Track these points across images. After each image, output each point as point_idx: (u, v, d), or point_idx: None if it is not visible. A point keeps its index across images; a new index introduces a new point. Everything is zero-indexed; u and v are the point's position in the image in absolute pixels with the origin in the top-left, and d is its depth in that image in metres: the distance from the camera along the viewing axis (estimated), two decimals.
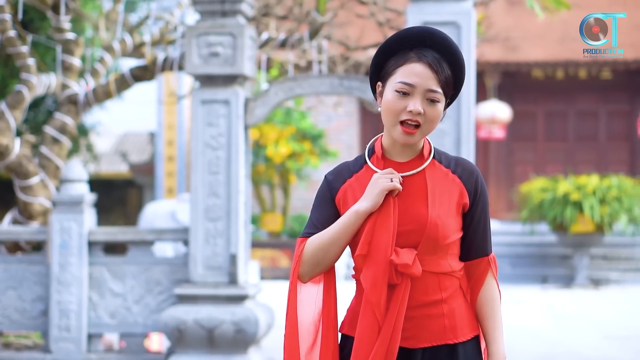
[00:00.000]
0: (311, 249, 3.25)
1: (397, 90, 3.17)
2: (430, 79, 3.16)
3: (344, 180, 3.32)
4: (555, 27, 19.88)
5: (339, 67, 10.89)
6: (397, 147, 3.28)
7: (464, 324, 3.29)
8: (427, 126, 3.20)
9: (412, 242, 3.19)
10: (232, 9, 8.38)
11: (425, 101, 3.16)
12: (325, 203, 3.32)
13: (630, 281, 18.13)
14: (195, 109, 8.46)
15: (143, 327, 8.66)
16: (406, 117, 3.17)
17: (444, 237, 3.22)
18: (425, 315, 3.22)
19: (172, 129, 20.82)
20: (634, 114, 20.66)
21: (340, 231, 3.22)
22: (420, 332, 3.22)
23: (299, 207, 20.54)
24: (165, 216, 14.98)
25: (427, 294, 3.22)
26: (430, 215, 3.19)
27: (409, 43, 3.21)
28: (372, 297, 3.16)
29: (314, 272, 3.29)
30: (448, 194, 3.26)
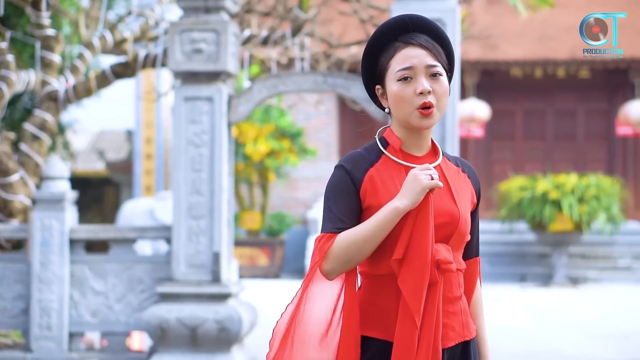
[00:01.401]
0: (343, 245, 3.08)
1: (399, 80, 3.13)
2: (425, 56, 3.13)
3: (365, 169, 3.16)
4: (534, 26, 19.93)
5: (322, 64, 10.85)
6: (414, 140, 3.22)
7: (471, 320, 3.30)
8: (441, 103, 3.16)
9: (443, 236, 3.13)
10: (215, 6, 8.33)
11: (429, 78, 3.13)
12: (348, 194, 3.14)
13: (608, 280, 18.20)
14: (178, 106, 8.40)
15: (125, 326, 8.60)
16: (419, 100, 3.11)
17: (467, 234, 3.22)
18: (451, 312, 3.18)
19: (151, 127, 20.73)
20: (612, 113, 20.73)
21: (377, 229, 3.07)
22: (447, 332, 3.17)
23: (277, 205, 20.50)
24: (144, 214, 14.90)
25: (451, 291, 3.18)
26: (460, 210, 3.17)
27: (391, 34, 3.19)
28: (412, 303, 3.05)
29: (343, 269, 3.12)
30: (465, 192, 3.26)
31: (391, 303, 3.13)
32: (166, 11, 11.75)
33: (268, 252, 19.00)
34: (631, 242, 19.18)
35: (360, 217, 3.17)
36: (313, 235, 19.04)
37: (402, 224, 3.08)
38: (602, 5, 20.53)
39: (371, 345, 3.16)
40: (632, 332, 11.86)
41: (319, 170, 20.75)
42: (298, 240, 19.75)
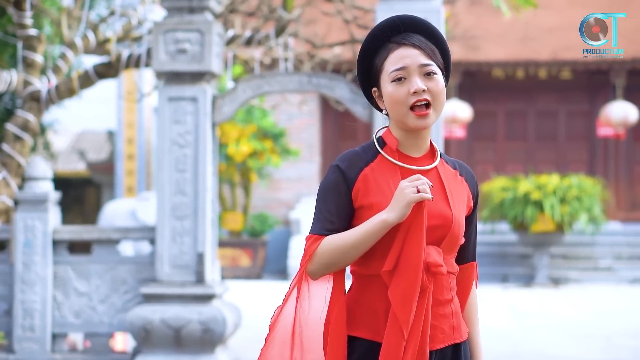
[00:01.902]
0: (328, 250, 3.10)
1: (393, 80, 3.12)
2: (418, 55, 3.12)
3: (360, 169, 3.16)
4: (516, 27, 19.97)
5: (306, 64, 10.84)
6: (412, 141, 3.20)
7: (463, 323, 3.29)
8: (437, 102, 3.14)
9: (435, 239, 3.13)
10: (199, 6, 8.31)
11: (423, 77, 3.12)
12: (339, 195, 3.15)
13: (589, 280, 18.25)
14: (162, 106, 8.38)
15: (108, 327, 8.57)
16: (413, 99, 3.10)
17: (461, 237, 3.21)
18: (440, 315, 3.17)
19: (132, 127, 20.67)
20: (593, 114, 20.80)
21: (363, 238, 3.08)
22: (436, 333, 3.17)
23: (259, 206, 20.47)
24: (126, 215, 14.85)
25: (442, 293, 3.17)
26: (454, 213, 3.16)
27: (383, 36, 3.19)
28: (401, 315, 3.05)
29: (327, 271, 3.14)
30: (461, 195, 3.24)
31: (380, 303, 3.13)
32: (149, 11, 11.71)
33: (250, 252, 18.97)
34: (612, 242, 19.26)
35: (352, 217, 3.17)
36: (295, 236, 19.03)
37: (394, 231, 3.08)
38: (583, 7, 20.58)
39: (359, 345, 3.16)
40: (614, 333, 11.90)
41: (301, 171, 20.74)
42: (280, 241, 19.73)
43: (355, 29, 11.51)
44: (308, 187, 20.81)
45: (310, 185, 20.82)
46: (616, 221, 20.30)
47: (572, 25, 20.25)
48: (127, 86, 19.85)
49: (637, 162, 21.07)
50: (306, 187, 20.80)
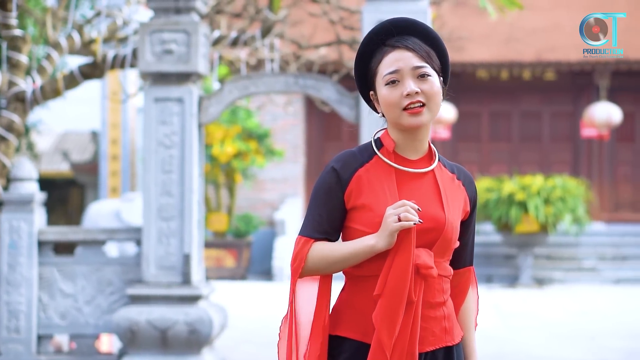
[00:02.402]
0: (316, 258, 3.17)
1: (386, 84, 3.14)
2: (411, 58, 3.13)
3: (355, 169, 3.19)
4: (500, 28, 20.01)
5: (292, 65, 10.83)
6: (410, 143, 3.21)
7: (456, 326, 3.30)
8: (432, 103, 3.15)
9: (427, 241, 3.14)
10: (186, 6, 8.30)
11: (417, 80, 3.13)
12: (331, 197, 3.19)
13: (573, 280, 18.31)
14: (148, 107, 8.36)
15: (94, 328, 8.54)
16: (406, 102, 3.12)
17: (455, 241, 3.22)
18: (431, 317, 3.18)
19: (117, 128, 20.63)
20: (576, 114, 20.86)
21: (350, 256, 3.13)
22: (426, 336, 3.18)
23: (244, 206, 20.45)
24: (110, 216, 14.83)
25: (433, 296, 3.18)
26: (447, 217, 3.17)
27: (378, 39, 3.20)
28: (384, 338, 3.08)
29: (312, 275, 3.22)
30: (457, 199, 3.25)
31: (369, 304, 3.14)
32: (134, 12, 11.68)
33: (235, 253, 18.95)
34: (596, 243, 19.32)
35: (345, 218, 3.21)
36: (280, 236, 19.02)
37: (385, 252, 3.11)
38: (567, 8, 20.69)
39: (349, 346, 3.19)
40: (599, 333, 11.94)
41: (285, 172, 20.73)
42: (265, 242, 19.72)
43: (341, 30, 11.52)
44: (293, 187, 20.81)
45: (294, 186, 20.82)
46: (600, 222, 20.38)
47: (556, 26, 20.35)
48: (111, 86, 19.81)
49: (620, 162, 21.15)
50: (291, 188, 20.80)
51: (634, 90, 20.92)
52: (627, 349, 10.74)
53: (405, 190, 3.17)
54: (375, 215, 3.14)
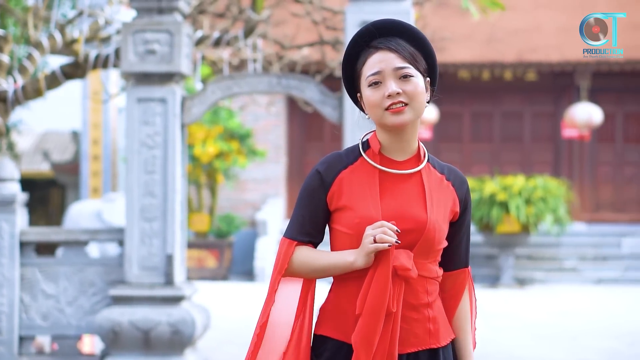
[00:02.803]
0: (298, 263, 3.23)
1: (369, 85, 3.16)
2: (393, 59, 3.14)
3: (338, 171, 3.23)
4: (481, 28, 20.05)
5: (274, 65, 10.83)
6: (396, 144, 3.22)
7: (444, 328, 3.29)
8: (414, 103, 3.15)
9: (408, 243, 3.14)
10: (168, 6, 8.28)
11: (399, 81, 3.14)
12: (314, 200, 3.23)
13: (554, 281, 18.36)
14: (130, 107, 8.34)
15: (76, 329, 8.51)
16: (388, 103, 3.13)
17: (438, 242, 3.20)
18: (413, 319, 3.18)
19: (98, 128, 20.57)
20: (557, 115, 20.93)
21: (330, 268, 3.18)
22: (408, 337, 3.18)
23: (226, 207, 20.43)
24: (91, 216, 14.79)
25: (416, 297, 3.18)
26: (429, 218, 3.16)
27: (363, 41, 3.21)
28: (361, 355, 3.10)
29: (293, 277, 3.28)
30: (444, 200, 3.24)
31: (351, 305, 3.17)
32: (116, 12, 11.65)
33: (216, 254, 18.92)
34: (577, 243, 19.39)
35: (329, 220, 3.25)
36: (262, 237, 19.00)
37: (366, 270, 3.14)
38: (548, 9, 20.75)
39: (331, 345, 3.21)
40: (580, 333, 11.97)
41: (267, 172, 20.72)
42: (246, 242, 19.70)
43: (324, 30, 11.51)
44: (274, 188, 20.80)
45: (276, 187, 20.81)
46: (581, 222, 20.45)
47: (537, 27, 20.41)
48: (92, 86, 19.75)
49: (601, 163, 21.23)
50: (272, 188, 20.79)
51: (615, 91, 21.01)
52: (609, 349, 10.78)
53: (388, 192, 3.18)
54: (355, 216, 3.16)
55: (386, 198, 3.17)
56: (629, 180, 21.15)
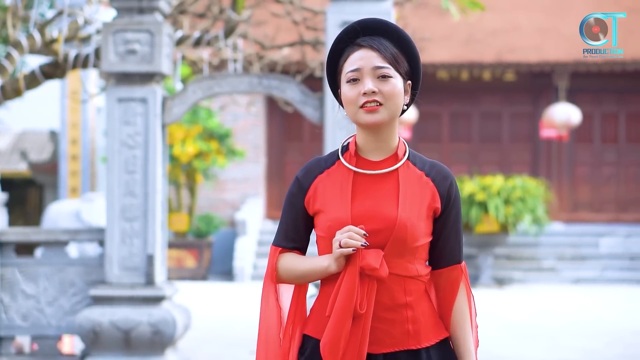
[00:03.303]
0: (283, 270, 3.30)
1: (347, 81, 3.18)
2: (373, 57, 3.16)
3: (315, 176, 3.26)
4: (460, 29, 20.09)
5: (255, 65, 10.82)
6: (371, 144, 3.23)
7: (429, 329, 3.24)
8: (390, 103, 3.16)
9: (379, 243, 3.13)
10: (149, 6, 8.26)
11: (376, 80, 3.15)
12: (294, 206, 3.29)
13: (533, 280, 18.44)
14: (111, 107, 8.31)
15: (57, 330, 8.48)
16: (363, 100, 3.14)
17: (412, 240, 3.16)
18: (389, 319, 3.17)
19: (76, 128, 20.51)
20: (536, 115, 21.00)
21: (309, 274, 3.24)
22: (383, 337, 3.17)
23: (205, 206, 20.41)
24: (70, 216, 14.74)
25: (392, 298, 3.17)
26: (400, 216, 3.14)
27: (348, 39, 3.22)
28: (327, 355, 3.14)
29: (284, 283, 3.34)
30: (420, 197, 3.21)
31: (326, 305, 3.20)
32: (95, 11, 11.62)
33: (195, 254, 18.90)
34: (555, 243, 19.48)
35: (312, 224, 3.30)
36: (241, 237, 18.99)
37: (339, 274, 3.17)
38: (526, 10, 20.83)
39: (311, 344, 3.24)
40: (559, 333, 12.03)
41: (246, 172, 20.71)
42: (226, 242, 19.69)
43: (305, 30, 11.51)
44: (254, 187, 20.79)
45: (255, 186, 20.80)
46: (559, 222, 20.54)
47: (515, 27, 20.48)
48: (71, 86, 19.68)
49: (579, 163, 21.33)
50: (252, 188, 20.78)
51: (593, 92, 21.11)
52: (587, 349, 10.83)
53: (362, 193, 3.19)
54: (327, 219, 3.19)
55: (359, 199, 3.18)
56: (607, 180, 21.26)
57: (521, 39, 20.34)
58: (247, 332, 11.92)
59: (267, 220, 20.87)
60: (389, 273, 3.13)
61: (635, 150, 21.23)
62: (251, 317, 13.37)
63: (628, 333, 12.03)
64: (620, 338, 11.63)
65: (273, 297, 3.32)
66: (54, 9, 14.96)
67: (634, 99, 21.19)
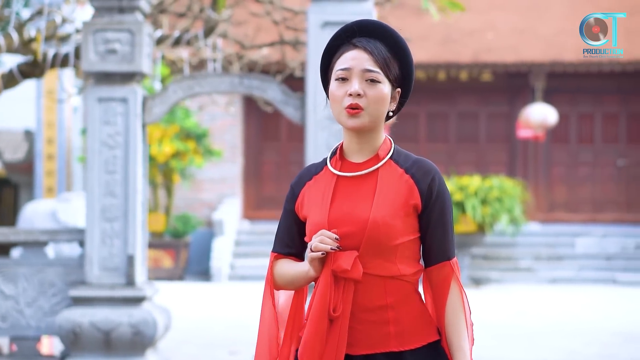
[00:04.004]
0: (277, 275, 3.34)
1: (336, 79, 3.19)
2: (365, 60, 3.16)
3: (304, 184, 3.31)
4: (437, 29, 20.12)
5: (234, 65, 10.80)
6: (354, 146, 3.24)
7: (415, 331, 3.20)
8: (372, 108, 3.17)
9: (353, 244, 3.13)
10: (129, 6, 8.23)
11: (364, 82, 3.15)
12: (288, 213, 3.34)
13: (509, 280, 18.48)
14: (91, 107, 8.28)
15: (36, 330, 8.44)
16: (348, 101, 3.15)
17: (388, 239, 3.13)
18: (368, 321, 3.15)
19: (52, 127, 20.41)
20: (513, 116, 21.05)
21: (295, 279, 3.27)
22: (362, 339, 3.15)
23: (182, 206, 20.35)
24: (46, 216, 14.68)
25: (371, 299, 3.15)
26: (372, 216, 3.12)
27: (343, 37, 3.23)
28: (305, 354, 3.16)
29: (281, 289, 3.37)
30: (396, 195, 3.18)
31: None
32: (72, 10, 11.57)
33: (172, 254, 18.84)
34: (532, 243, 19.54)
35: (305, 230, 3.30)
36: (218, 237, 18.95)
37: None
38: (502, 10, 20.88)
39: None
40: (537, 333, 12.06)
41: (223, 172, 20.66)
42: (203, 242, 19.64)
43: (285, 30, 11.49)
44: (231, 187, 20.75)
45: (232, 186, 20.76)
46: (535, 222, 20.60)
47: (492, 27, 20.53)
48: (47, 85, 19.59)
49: (555, 163, 21.39)
50: (229, 188, 20.74)
51: (569, 92, 21.18)
52: (566, 349, 10.87)
53: (342, 195, 3.20)
54: (309, 223, 3.23)
55: (337, 202, 3.19)
56: (583, 180, 21.34)
57: (498, 39, 20.39)
58: (225, 332, 11.91)
59: (244, 220, 20.84)
60: (366, 274, 3.13)
61: (610, 151, 21.32)
62: (229, 318, 13.36)
63: (606, 333, 12.07)
64: (598, 338, 11.67)
65: (270, 302, 3.34)
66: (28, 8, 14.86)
67: (609, 99, 21.28)
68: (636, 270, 18.82)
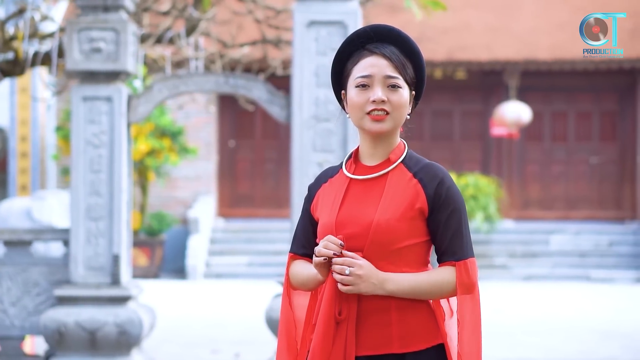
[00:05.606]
0: (292, 277, 3.38)
1: (357, 86, 3.21)
2: (386, 66, 3.20)
3: (320, 185, 3.35)
4: (411, 27, 20.13)
5: (216, 63, 10.78)
6: (369, 150, 3.28)
7: (420, 333, 3.23)
8: (396, 113, 3.21)
9: (357, 246, 3.16)
10: (114, 4, 8.21)
11: (386, 89, 3.19)
12: (305, 214, 3.38)
13: (484, 278, 18.53)
14: (76, 105, 8.25)
15: (20, 330, 8.40)
16: (371, 107, 3.19)
17: (392, 242, 3.17)
18: (372, 323, 3.19)
19: (26, 125, 20.27)
20: (487, 113, 21.12)
21: (308, 282, 3.30)
22: (365, 340, 3.19)
23: (157, 204, 20.28)
24: (21, 214, 14.56)
25: (374, 301, 3.18)
26: (377, 219, 3.16)
27: (358, 42, 3.26)
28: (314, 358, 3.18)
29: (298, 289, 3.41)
30: (402, 198, 3.21)
31: None
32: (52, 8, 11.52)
33: (147, 252, 18.80)
34: (507, 240, 19.63)
35: None
36: (193, 235, 18.93)
37: None
38: (477, 8, 20.96)
39: None
40: (515, 330, 12.13)
41: (198, 170, 20.62)
42: (178, 240, 19.60)
43: (267, 28, 11.48)
44: (206, 185, 20.71)
45: (207, 184, 20.73)
46: (510, 219, 20.69)
47: (466, 26, 20.59)
48: (21, 82, 19.47)
49: (529, 161, 21.49)
50: (204, 186, 20.70)
51: (543, 90, 21.28)
52: (546, 346, 10.94)
53: (352, 198, 3.24)
54: (320, 225, 3.28)
55: (347, 204, 3.23)
56: (557, 178, 21.45)
57: (472, 37, 20.46)
58: (206, 331, 11.90)
59: (219, 218, 20.80)
60: None
61: (583, 149, 21.45)
62: (208, 316, 13.36)
63: (583, 330, 12.16)
64: (575, 335, 11.76)
65: (287, 302, 3.38)
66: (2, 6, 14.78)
67: (582, 97, 21.41)
68: (609, 267, 18.97)
